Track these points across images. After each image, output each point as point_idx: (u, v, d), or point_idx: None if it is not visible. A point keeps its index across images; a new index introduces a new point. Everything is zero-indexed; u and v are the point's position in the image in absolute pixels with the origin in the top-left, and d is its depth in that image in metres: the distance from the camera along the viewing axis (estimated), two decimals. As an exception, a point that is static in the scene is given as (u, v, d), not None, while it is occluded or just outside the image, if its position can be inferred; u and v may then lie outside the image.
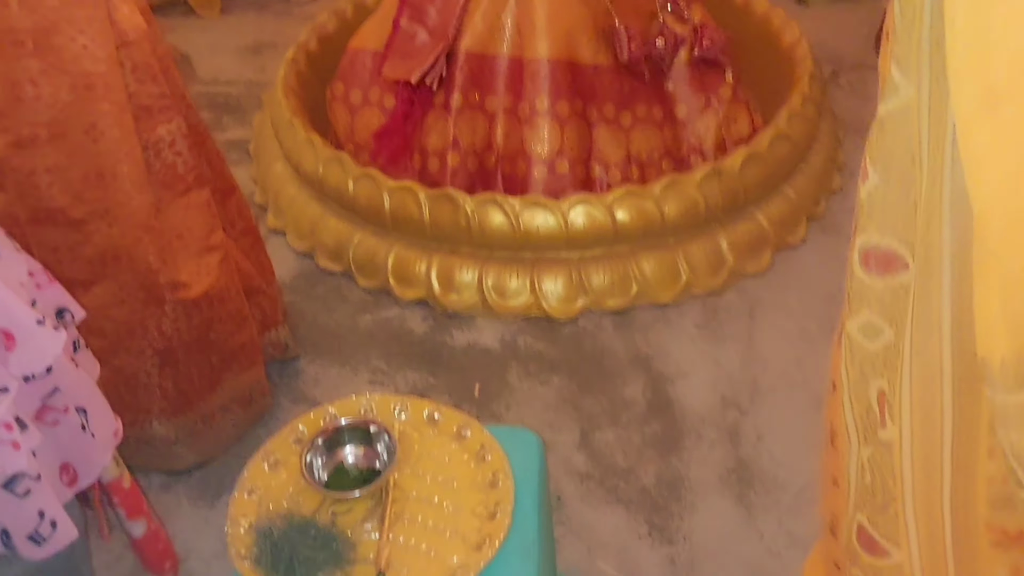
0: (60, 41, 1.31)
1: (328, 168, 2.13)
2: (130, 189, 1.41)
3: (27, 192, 1.36)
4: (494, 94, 2.11)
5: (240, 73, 2.93)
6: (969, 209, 0.61)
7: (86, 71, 1.33)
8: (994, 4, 0.57)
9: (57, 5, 1.30)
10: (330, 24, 2.60)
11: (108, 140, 1.37)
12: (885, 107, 0.67)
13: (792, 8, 3.02)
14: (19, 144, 1.33)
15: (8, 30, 1.27)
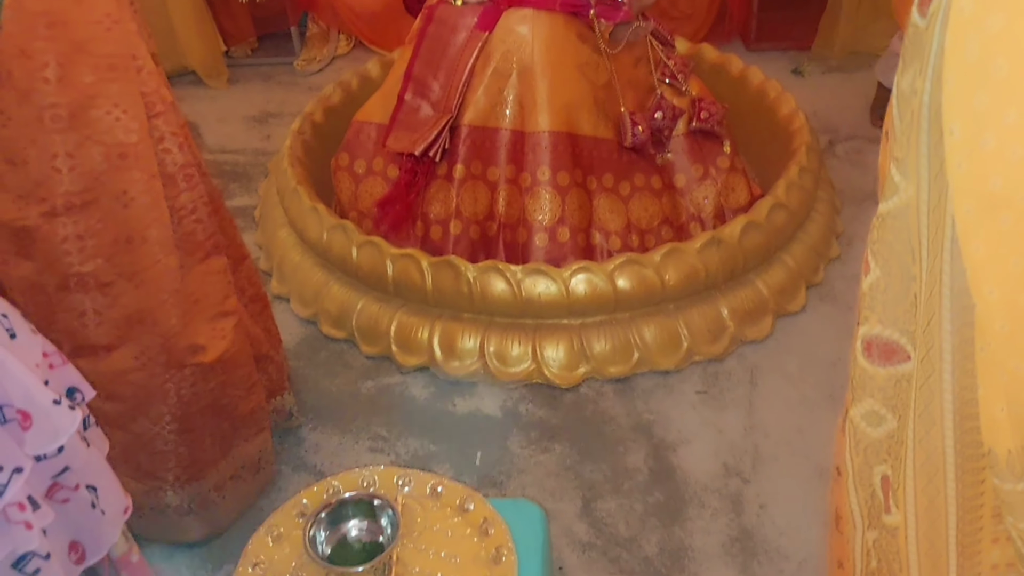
0: (96, 114, 1.37)
1: (332, 235, 2.17)
2: (158, 252, 1.46)
3: (57, 259, 1.40)
4: (496, 165, 2.15)
5: (247, 142, 2.98)
6: (968, 306, 0.63)
7: (120, 141, 1.38)
8: (989, 117, 0.60)
9: (94, 80, 1.35)
10: (335, 96, 2.66)
11: (138, 206, 1.42)
12: (885, 205, 0.69)
13: (788, 79, 3.10)
14: (54, 213, 1.37)
15: (49, 105, 1.33)
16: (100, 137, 1.37)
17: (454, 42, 2.19)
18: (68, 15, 1.34)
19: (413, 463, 1.86)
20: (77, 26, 1.34)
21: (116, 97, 1.37)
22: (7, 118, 1.33)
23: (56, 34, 1.33)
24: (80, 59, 1.35)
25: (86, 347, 1.45)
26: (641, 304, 2.01)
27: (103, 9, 1.37)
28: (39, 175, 1.35)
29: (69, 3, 1.34)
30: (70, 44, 1.34)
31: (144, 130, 1.41)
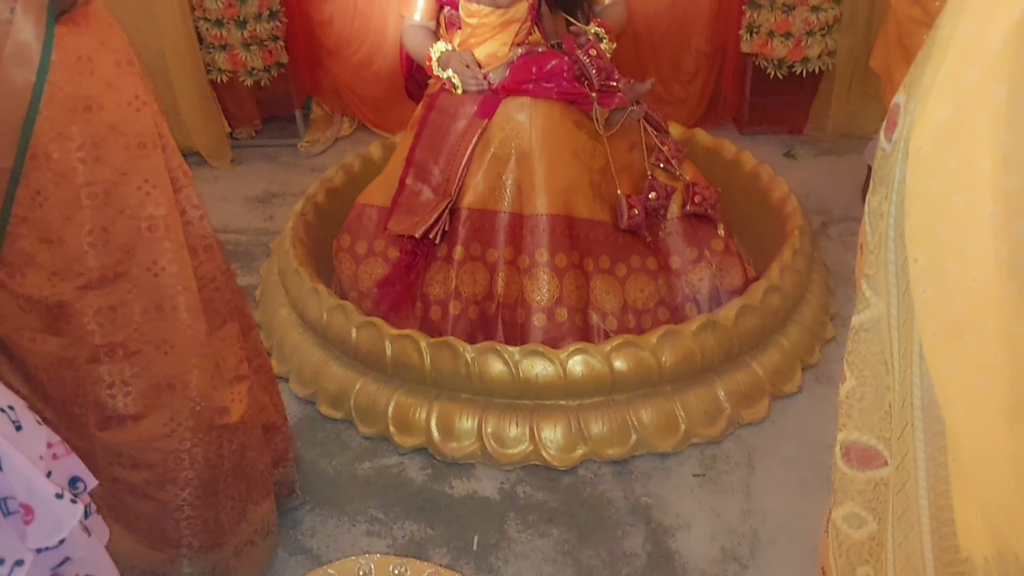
0: (128, 190, 1.43)
1: (332, 316, 2.19)
2: (187, 318, 1.50)
3: (88, 332, 1.43)
4: (495, 247, 2.19)
5: (249, 222, 3.03)
6: (939, 417, 0.65)
7: (150, 214, 1.45)
8: (950, 247, 0.63)
9: (126, 158, 1.43)
10: (337, 178, 2.72)
11: (168, 275, 1.47)
12: (858, 318, 0.72)
13: (781, 161, 3.17)
14: (88, 286, 1.42)
15: (85, 184, 1.39)
16: (132, 211, 1.44)
17: (454, 129, 2.26)
18: (102, 99, 1.42)
19: (410, 547, 1.85)
20: (110, 109, 1.42)
21: (146, 173, 1.45)
22: (44, 198, 1.39)
23: (91, 117, 1.40)
24: (113, 139, 1.42)
25: (114, 418, 1.48)
26: (638, 386, 2.02)
27: (132, 91, 1.45)
28: (74, 251, 1.41)
29: (102, 88, 1.41)
30: (104, 126, 1.41)
31: (171, 203, 1.48)
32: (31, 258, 1.41)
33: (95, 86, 1.40)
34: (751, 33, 3.11)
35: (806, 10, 2.99)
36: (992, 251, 0.63)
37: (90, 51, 1.41)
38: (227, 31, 3.15)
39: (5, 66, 1.32)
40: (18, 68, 1.32)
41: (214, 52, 3.21)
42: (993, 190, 0.63)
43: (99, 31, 1.44)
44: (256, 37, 3.19)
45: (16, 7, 1.32)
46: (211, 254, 1.58)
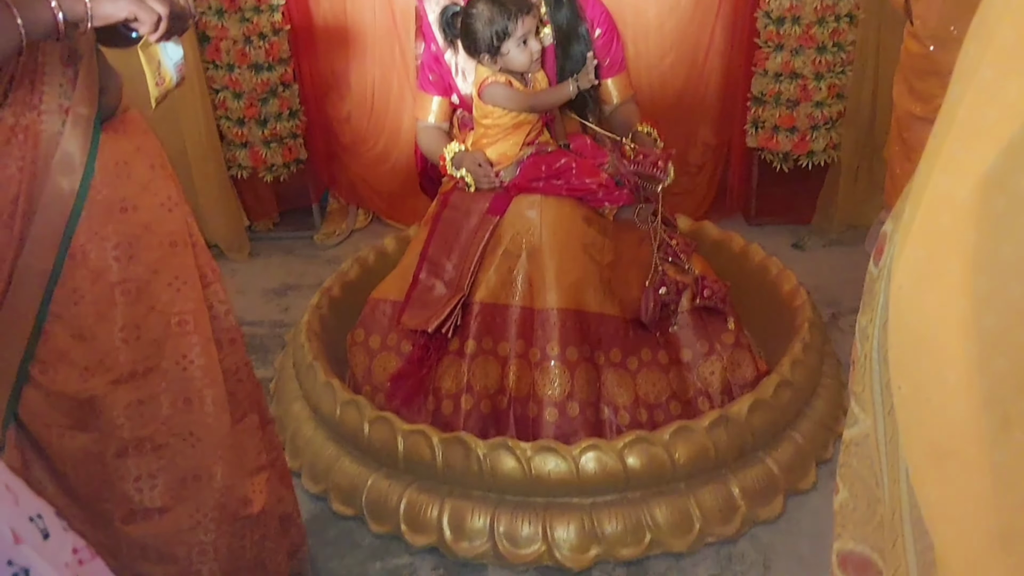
0: (159, 287, 1.49)
1: (345, 410, 2.20)
2: (214, 410, 1.54)
3: (117, 427, 1.47)
4: (506, 340, 2.21)
5: (265, 314, 3.08)
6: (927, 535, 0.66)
7: (180, 310, 1.50)
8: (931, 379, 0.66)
9: (158, 256, 1.48)
10: (353, 271, 2.76)
11: (196, 368, 1.51)
12: (848, 433, 0.74)
13: (789, 253, 3.20)
14: (119, 381, 1.46)
15: (119, 282, 1.44)
16: (163, 307, 1.49)
17: (467, 225, 2.31)
18: (137, 200, 1.49)
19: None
20: (145, 209, 1.49)
21: (177, 270, 1.51)
22: (80, 296, 1.44)
23: (127, 218, 1.47)
24: (146, 238, 1.49)
25: (140, 512, 1.50)
26: (651, 483, 2.01)
27: (165, 193, 1.53)
28: (106, 347, 1.45)
29: (138, 190, 1.49)
30: (139, 226, 1.48)
31: (200, 298, 1.54)
32: (64, 355, 1.45)
33: (131, 188, 1.48)
34: (756, 128, 3.19)
35: (810, 105, 3.07)
36: (971, 384, 0.65)
37: (127, 156, 1.48)
38: (248, 129, 3.26)
39: (53, 174, 1.39)
40: (64, 176, 1.40)
41: (235, 149, 3.31)
42: (970, 328, 0.67)
43: (136, 137, 1.52)
44: (277, 135, 3.29)
45: (67, 120, 1.40)
46: (235, 347, 1.63)
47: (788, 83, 3.06)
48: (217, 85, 3.22)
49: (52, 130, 1.39)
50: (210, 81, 3.22)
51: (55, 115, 1.39)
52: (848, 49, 3.01)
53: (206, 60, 3.19)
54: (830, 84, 3.04)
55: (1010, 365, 0.66)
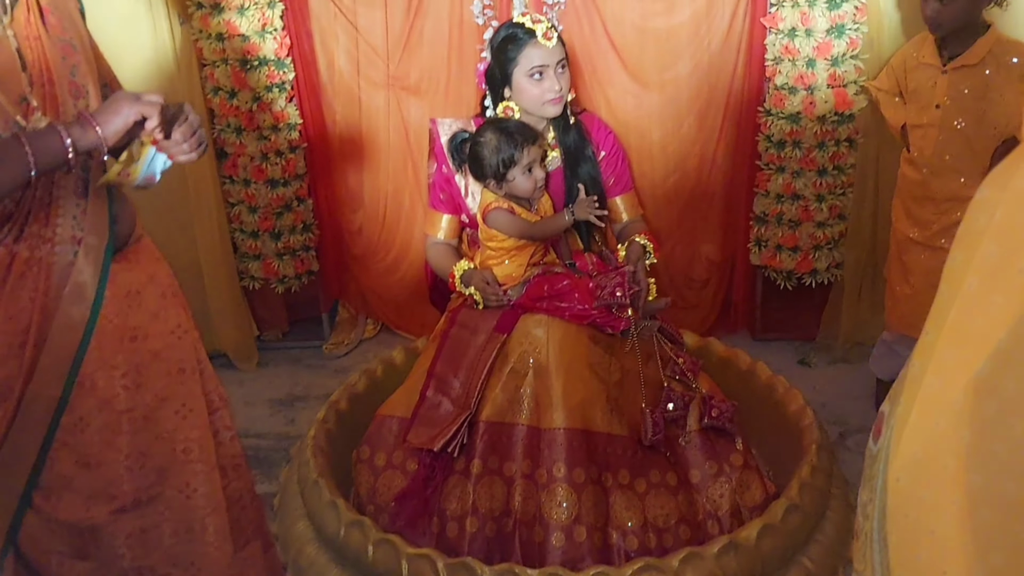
0: (166, 414, 1.50)
1: (349, 532, 2.17)
2: (215, 540, 1.54)
3: (118, 556, 1.47)
4: (513, 460, 2.20)
5: (271, 426, 3.08)
6: None
7: (186, 437, 1.51)
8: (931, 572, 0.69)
9: (166, 384, 1.50)
10: (361, 384, 2.77)
11: (199, 496, 1.52)
12: None
13: (795, 369, 3.21)
14: (122, 510, 1.46)
15: (126, 410, 1.46)
16: (168, 435, 1.50)
17: (475, 343, 2.33)
18: (147, 329, 1.51)
19: None
20: (154, 338, 1.51)
21: (184, 397, 1.52)
22: (86, 424, 1.45)
23: (137, 346, 1.49)
24: (155, 366, 1.50)
25: None
26: (660, 610, 1.97)
27: (175, 321, 1.55)
28: (111, 475, 1.46)
29: (148, 318, 1.51)
30: (148, 354, 1.50)
31: (206, 425, 1.55)
32: (69, 482, 1.45)
33: (142, 317, 1.50)
34: (759, 246, 3.25)
35: (812, 225, 3.14)
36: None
37: (139, 285, 1.51)
38: (262, 242, 3.33)
39: (64, 304, 1.42)
40: (75, 305, 1.43)
41: (248, 261, 3.38)
42: (966, 522, 0.71)
43: (148, 266, 1.56)
44: (290, 248, 3.36)
45: (79, 250, 1.43)
46: (239, 473, 1.63)
47: (790, 204, 3.14)
48: (233, 199, 3.31)
49: (64, 261, 1.43)
50: (226, 195, 3.31)
51: (68, 246, 1.43)
52: (848, 172, 3.09)
53: (223, 175, 3.29)
54: (831, 205, 3.12)
55: (1006, 559, 0.69)
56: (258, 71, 3.15)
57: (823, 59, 2.95)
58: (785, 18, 2.95)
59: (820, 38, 2.93)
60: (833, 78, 2.96)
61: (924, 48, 2.63)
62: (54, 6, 1.49)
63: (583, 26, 3.09)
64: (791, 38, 2.96)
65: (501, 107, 2.52)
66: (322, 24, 3.23)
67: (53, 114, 1.44)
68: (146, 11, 3.03)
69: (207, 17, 3.07)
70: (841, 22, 2.90)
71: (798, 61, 2.97)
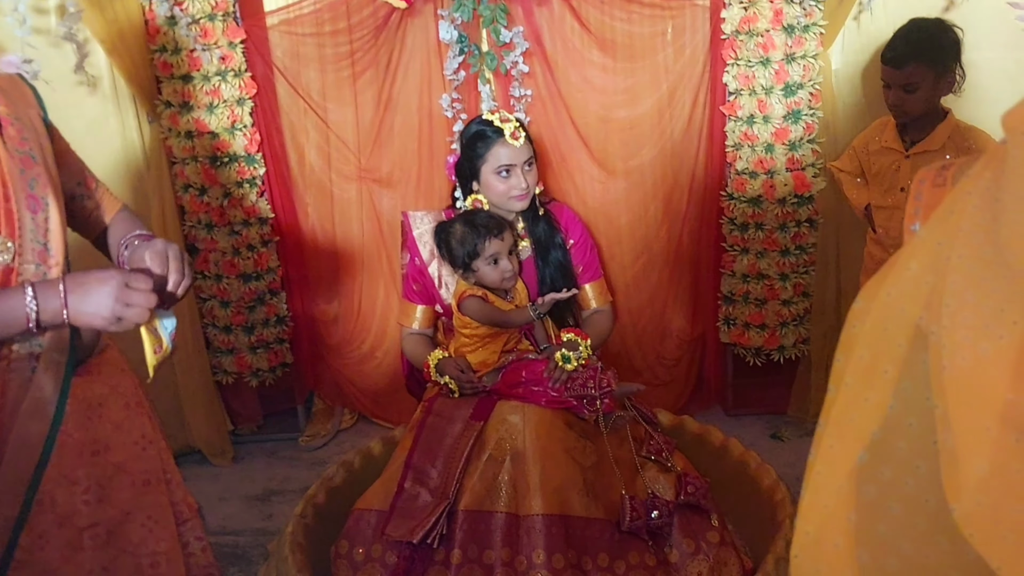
0: (132, 527, 1.46)
1: (329, 628, 2.15)
2: None
3: None
4: (492, 548, 2.19)
5: (247, 522, 3.03)
6: None
7: (153, 551, 1.48)
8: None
9: (130, 496, 1.47)
10: (338, 477, 2.76)
11: None
12: None
13: (768, 444, 3.25)
14: None
15: (88, 526, 1.42)
16: (134, 549, 1.46)
17: (451, 431, 2.35)
18: (110, 441, 1.48)
19: None
20: (117, 449, 1.48)
21: (149, 509, 1.49)
22: (45, 541, 1.40)
23: (99, 460, 1.46)
24: (119, 479, 1.47)
25: None
26: None
27: (140, 431, 1.52)
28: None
29: (111, 430, 1.48)
30: (111, 467, 1.46)
31: (173, 537, 1.51)
32: None
33: (104, 429, 1.46)
34: (728, 325, 3.32)
35: (777, 303, 3.22)
36: None
37: (101, 397, 1.48)
38: (235, 336, 3.35)
39: (22, 420, 1.37)
40: (33, 421, 1.38)
41: (221, 356, 3.38)
42: None
43: (111, 377, 1.52)
44: (263, 341, 3.38)
45: (37, 366, 1.39)
46: (204, 563, 1.59)
47: (755, 283, 3.22)
48: (205, 294, 3.34)
49: (22, 377, 1.38)
50: (198, 290, 3.34)
51: (25, 362, 1.39)
52: (810, 251, 3.19)
53: (195, 271, 3.32)
54: (795, 283, 3.20)
55: None
56: (228, 167, 3.21)
57: (781, 144, 3.07)
58: (743, 106, 3.08)
59: (777, 124, 3.06)
60: (791, 162, 3.09)
61: (885, 133, 2.76)
62: (15, 116, 1.47)
63: (550, 117, 3.21)
64: (750, 125, 3.09)
65: (470, 200, 2.60)
66: (292, 120, 3.31)
67: (9, 229, 1.41)
68: (114, 110, 3.10)
69: (176, 115, 3.15)
70: (797, 108, 3.04)
71: (757, 146, 3.09)
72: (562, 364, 2.37)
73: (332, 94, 3.27)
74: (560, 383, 2.34)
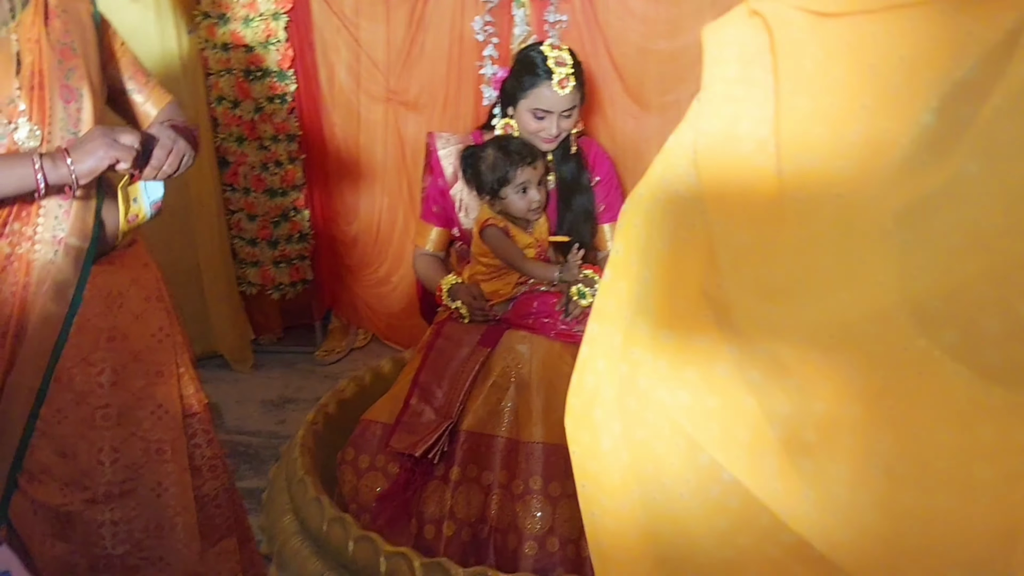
0: (142, 414, 1.57)
1: (331, 527, 2.26)
2: (183, 538, 1.61)
3: (92, 542, 1.54)
4: (491, 470, 2.29)
5: (262, 425, 3.18)
6: None
7: (159, 438, 1.59)
8: None
9: (143, 384, 1.57)
10: (349, 390, 2.87)
11: (169, 496, 1.59)
12: None
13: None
14: (94, 500, 1.54)
15: (102, 406, 1.54)
16: (144, 434, 1.57)
17: (459, 355, 2.43)
18: (128, 330, 1.58)
19: None
20: (135, 339, 1.58)
21: (160, 399, 1.59)
22: (63, 416, 1.53)
23: (116, 346, 1.56)
24: (134, 367, 1.57)
25: None
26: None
27: (157, 324, 1.62)
28: (86, 466, 1.54)
29: (130, 320, 1.58)
30: (127, 354, 1.57)
31: (180, 428, 1.62)
32: (47, 469, 1.54)
33: (123, 318, 1.57)
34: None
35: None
36: None
37: (122, 287, 1.58)
38: (260, 250, 3.44)
39: (43, 300, 1.51)
40: (53, 303, 1.51)
41: (246, 267, 3.48)
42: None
43: (133, 270, 1.62)
44: (286, 256, 3.47)
45: (60, 250, 1.51)
46: (216, 473, 1.70)
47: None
48: (233, 207, 3.42)
49: (44, 259, 1.50)
50: (227, 203, 3.42)
51: (48, 245, 1.51)
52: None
53: (225, 183, 3.40)
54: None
55: None
56: (261, 82, 3.26)
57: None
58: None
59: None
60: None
61: None
62: (62, 9, 1.56)
63: (584, 45, 3.11)
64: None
65: (503, 122, 2.56)
66: (324, 37, 3.33)
67: (40, 116, 1.50)
68: (155, 20, 3.14)
69: (213, 27, 3.18)
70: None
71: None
72: (577, 299, 2.41)
73: (365, 11, 3.26)
74: (574, 318, 2.39)
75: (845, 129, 0.82)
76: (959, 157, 0.75)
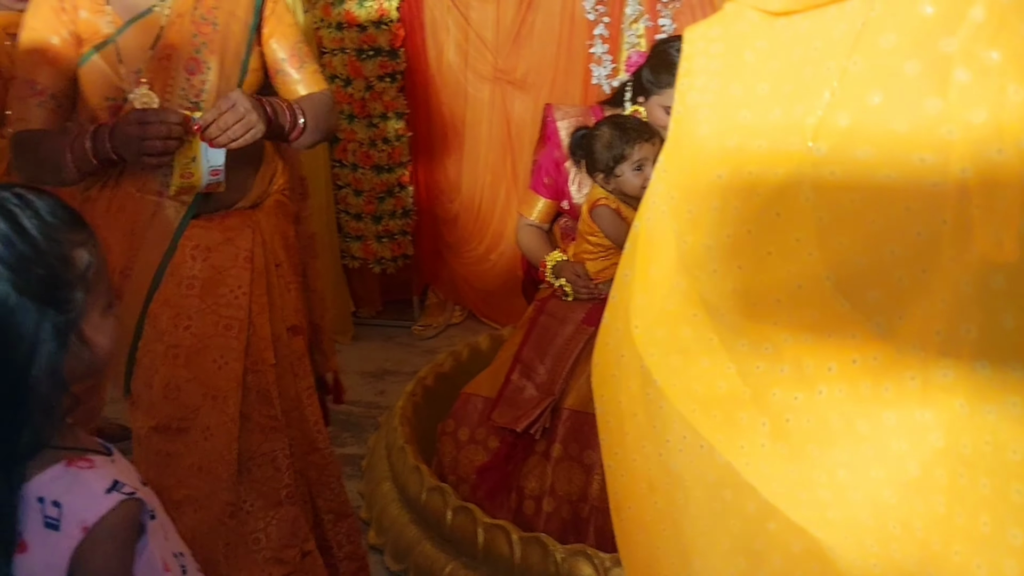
0: (204, 361, 1.64)
1: (431, 496, 2.31)
2: (218, 486, 1.64)
3: (148, 468, 1.61)
4: (593, 449, 2.27)
5: (362, 395, 3.25)
6: None
7: (216, 387, 1.65)
8: None
9: (212, 333, 1.64)
10: (447, 364, 2.91)
11: (215, 441, 1.64)
12: None
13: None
14: (156, 429, 1.63)
15: (172, 345, 1.64)
16: (203, 380, 1.64)
17: (562, 333, 2.42)
18: (208, 281, 1.67)
19: None
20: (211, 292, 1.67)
21: (224, 350, 1.66)
22: (148, 349, 1.65)
23: (193, 294, 1.66)
24: (204, 316, 1.65)
25: None
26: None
27: (236, 281, 1.68)
28: (155, 398, 1.64)
29: (212, 273, 1.67)
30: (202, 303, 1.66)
31: (237, 379, 1.66)
32: (138, 397, 1.66)
33: (207, 271, 1.64)
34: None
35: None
36: None
37: (214, 244, 1.65)
38: (364, 224, 3.52)
39: (147, 245, 1.62)
40: (153, 249, 1.62)
41: (350, 241, 3.56)
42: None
43: (230, 231, 1.68)
44: (388, 231, 3.54)
45: (163, 202, 1.62)
46: (274, 435, 1.70)
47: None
48: (340, 182, 3.50)
49: (148, 211, 1.61)
50: (335, 178, 3.50)
51: (153, 196, 1.61)
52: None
53: (334, 159, 3.48)
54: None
55: None
56: (372, 60, 3.32)
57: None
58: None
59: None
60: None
61: None
62: None
63: None
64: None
65: (632, 108, 2.53)
66: (435, 16, 3.37)
67: (161, 86, 1.58)
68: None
69: (329, 7, 3.25)
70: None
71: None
72: None
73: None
74: None
75: (768, 113, 0.95)
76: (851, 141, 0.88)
